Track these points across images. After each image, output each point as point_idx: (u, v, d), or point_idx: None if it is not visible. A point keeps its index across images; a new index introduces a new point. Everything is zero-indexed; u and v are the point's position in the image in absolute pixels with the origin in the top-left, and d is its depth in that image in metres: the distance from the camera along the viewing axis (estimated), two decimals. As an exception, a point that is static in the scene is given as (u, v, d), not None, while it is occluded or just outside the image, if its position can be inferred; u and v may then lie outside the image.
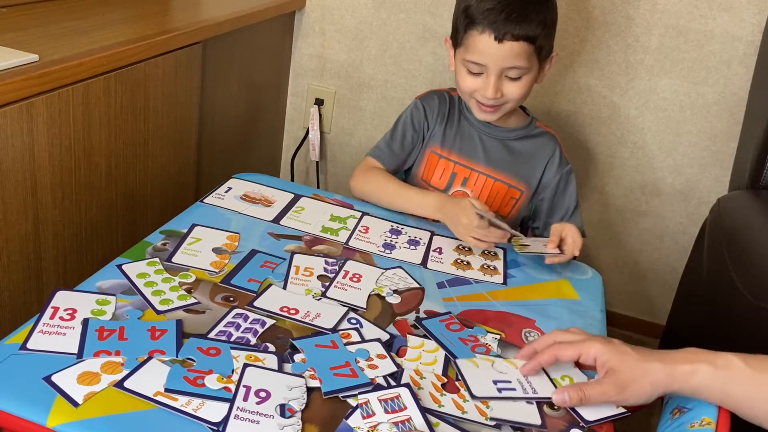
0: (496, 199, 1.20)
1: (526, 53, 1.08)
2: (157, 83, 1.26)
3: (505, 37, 1.05)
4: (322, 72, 1.84)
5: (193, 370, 0.72)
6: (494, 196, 1.20)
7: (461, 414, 0.73)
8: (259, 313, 0.84)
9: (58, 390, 0.67)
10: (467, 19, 1.08)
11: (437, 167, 1.21)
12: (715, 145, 1.61)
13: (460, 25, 1.11)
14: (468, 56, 1.10)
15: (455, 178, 1.20)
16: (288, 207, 1.13)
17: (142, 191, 1.30)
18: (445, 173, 1.20)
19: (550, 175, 1.20)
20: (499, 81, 1.09)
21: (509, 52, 1.07)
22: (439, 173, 1.21)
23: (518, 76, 1.10)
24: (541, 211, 1.22)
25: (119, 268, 0.89)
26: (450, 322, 0.88)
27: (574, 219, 1.19)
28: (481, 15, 1.06)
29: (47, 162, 1.05)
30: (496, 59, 1.07)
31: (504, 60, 1.07)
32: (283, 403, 0.69)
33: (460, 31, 1.11)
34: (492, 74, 1.09)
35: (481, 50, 1.07)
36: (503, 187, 1.20)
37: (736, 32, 1.51)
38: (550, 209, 1.22)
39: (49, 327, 0.76)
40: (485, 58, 1.08)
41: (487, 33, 1.06)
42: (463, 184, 1.20)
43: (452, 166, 1.20)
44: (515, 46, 1.06)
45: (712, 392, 0.71)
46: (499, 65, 1.08)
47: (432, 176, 1.21)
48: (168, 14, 1.42)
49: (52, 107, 1.03)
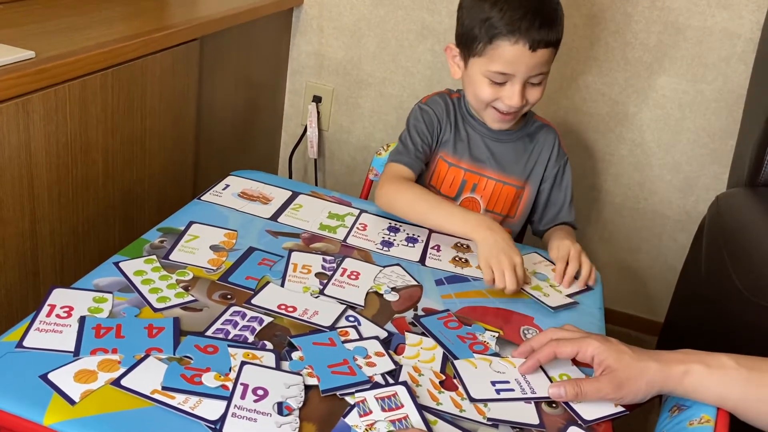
0: (506, 202, 1.19)
1: (551, 57, 1.07)
2: (154, 80, 1.26)
3: (539, 45, 1.03)
4: (320, 69, 1.84)
5: (191, 368, 0.72)
6: (504, 199, 1.19)
7: (459, 412, 0.73)
8: (257, 311, 0.84)
9: (54, 388, 0.67)
10: (493, 29, 1.04)
11: (447, 174, 1.19)
12: (713, 142, 1.60)
13: (480, 35, 1.06)
14: (494, 67, 1.06)
15: (465, 185, 1.18)
16: (286, 204, 1.12)
17: (139, 188, 1.30)
18: (455, 181, 1.18)
19: (550, 167, 1.20)
20: (524, 88, 1.07)
21: (540, 59, 1.04)
22: (449, 181, 1.19)
23: (540, 81, 1.08)
24: (539, 203, 1.21)
25: (116, 266, 0.88)
26: (448, 319, 0.88)
27: (568, 212, 1.19)
28: (511, 24, 1.02)
29: (44, 159, 1.04)
30: (527, 68, 1.05)
31: (534, 67, 1.05)
32: (281, 401, 0.69)
33: (479, 41, 1.06)
34: (518, 83, 1.06)
35: (512, 60, 1.04)
36: (512, 190, 1.19)
37: (735, 29, 1.51)
38: (546, 201, 1.21)
39: (45, 325, 0.76)
40: (515, 67, 1.05)
41: (522, 43, 1.02)
42: (473, 191, 1.18)
43: (462, 174, 1.18)
44: (546, 53, 1.04)
45: (705, 393, 0.72)
46: (528, 73, 1.05)
47: (442, 184, 1.19)
48: (165, 11, 1.42)
49: (49, 104, 1.02)
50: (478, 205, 1.19)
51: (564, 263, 1.03)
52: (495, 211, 1.19)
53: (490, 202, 1.19)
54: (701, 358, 0.72)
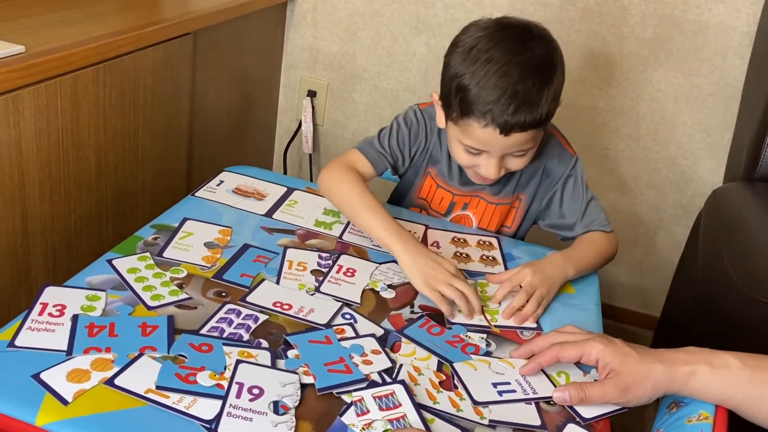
0: (500, 218, 1.14)
1: (534, 135, 0.97)
2: (147, 75, 1.25)
3: (513, 130, 0.93)
4: (315, 63, 1.83)
5: (185, 366, 0.71)
6: (497, 216, 1.13)
7: (456, 411, 0.72)
8: (252, 309, 0.83)
9: (47, 388, 0.66)
10: (463, 104, 0.94)
11: (436, 194, 1.14)
12: (710, 136, 1.60)
13: (453, 102, 0.96)
14: (465, 140, 0.98)
15: (455, 206, 1.14)
16: (281, 200, 1.11)
17: (132, 185, 1.28)
18: (445, 200, 1.14)
19: (553, 174, 1.11)
20: (501, 161, 0.99)
21: (516, 141, 0.95)
22: (438, 199, 1.14)
23: (523, 154, 1.00)
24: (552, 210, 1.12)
25: (109, 263, 0.87)
26: (429, 325, 0.86)
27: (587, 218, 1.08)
28: (483, 107, 0.92)
29: (35, 156, 1.03)
30: (501, 148, 0.96)
31: (509, 147, 0.96)
32: (277, 399, 0.68)
33: (453, 109, 0.97)
34: (494, 157, 0.98)
35: (484, 141, 0.95)
36: (506, 208, 1.13)
37: (732, 23, 1.50)
38: (560, 211, 1.11)
39: (37, 323, 0.75)
40: (489, 147, 0.96)
41: (492, 127, 0.93)
42: (464, 209, 1.14)
43: (451, 197, 1.13)
44: (522, 135, 0.95)
45: (710, 393, 0.71)
46: (503, 151, 0.97)
47: (432, 200, 1.15)
48: (158, 5, 1.40)
49: (39, 99, 1.01)
50: (470, 221, 1.15)
51: (507, 290, 0.92)
52: (488, 230, 1.14)
53: (482, 221, 1.14)
54: (706, 358, 0.72)
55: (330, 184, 1.06)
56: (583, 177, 1.11)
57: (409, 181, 1.18)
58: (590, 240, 1.06)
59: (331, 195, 1.06)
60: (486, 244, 1.08)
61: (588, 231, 1.08)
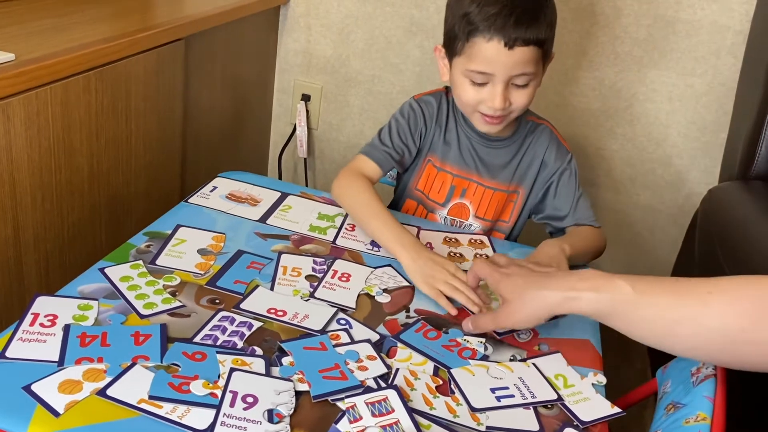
0: (497, 207, 1.16)
1: (535, 58, 1.02)
2: (138, 81, 1.24)
3: (516, 43, 0.99)
4: (309, 67, 1.82)
5: (178, 375, 0.70)
6: (494, 205, 1.16)
7: (453, 417, 0.71)
8: (246, 316, 0.82)
9: (38, 400, 0.65)
10: (469, 26, 1.01)
11: (436, 180, 1.16)
12: (704, 135, 1.60)
13: (459, 32, 1.03)
14: (472, 66, 1.02)
15: (454, 190, 1.16)
16: (275, 206, 1.11)
17: (125, 192, 1.28)
18: (444, 186, 1.16)
19: (549, 167, 1.15)
20: (506, 90, 1.03)
21: (519, 59, 1.00)
22: (438, 186, 1.16)
23: (525, 83, 1.04)
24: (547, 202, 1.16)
25: (102, 272, 0.87)
26: (425, 329, 0.85)
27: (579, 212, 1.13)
28: (487, 20, 0.99)
29: (26, 164, 1.02)
30: (505, 67, 1.01)
31: (513, 67, 1.01)
32: (271, 408, 0.68)
33: (459, 39, 1.03)
34: (499, 83, 1.02)
35: (489, 58, 1.00)
36: (503, 195, 1.16)
37: (725, 22, 1.50)
38: (554, 203, 1.15)
39: (29, 334, 0.74)
40: (493, 66, 1.01)
41: (496, 40, 0.99)
42: (462, 196, 1.16)
43: (451, 179, 1.16)
44: (525, 52, 1.00)
45: (600, 317, 0.75)
46: (508, 73, 1.01)
47: (431, 189, 1.17)
48: (149, 10, 1.40)
49: (30, 107, 1.00)
50: (467, 210, 1.16)
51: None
52: (485, 218, 1.16)
53: (479, 209, 1.16)
54: (595, 284, 0.74)
55: (339, 195, 1.11)
56: (577, 173, 1.16)
57: (409, 172, 1.20)
58: (581, 231, 1.12)
59: (343, 204, 1.11)
60: (478, 243, 1.09)
61: (577, 224, 1.13)
